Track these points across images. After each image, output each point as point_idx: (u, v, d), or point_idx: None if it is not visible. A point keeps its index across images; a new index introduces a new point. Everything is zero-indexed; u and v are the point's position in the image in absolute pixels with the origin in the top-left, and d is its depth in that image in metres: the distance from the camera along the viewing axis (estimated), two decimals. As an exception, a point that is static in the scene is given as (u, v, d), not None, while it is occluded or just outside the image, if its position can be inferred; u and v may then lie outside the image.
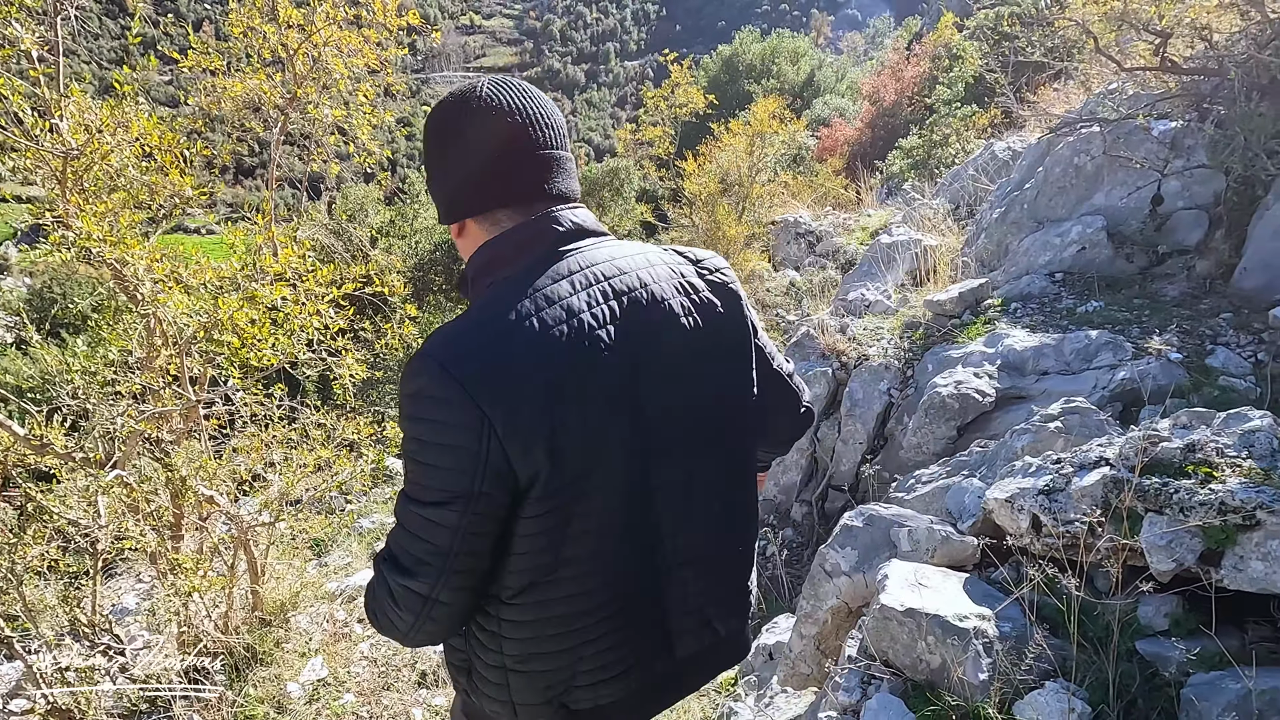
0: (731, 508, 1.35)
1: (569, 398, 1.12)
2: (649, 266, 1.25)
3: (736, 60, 32.77)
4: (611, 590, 1.23)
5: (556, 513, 1.15)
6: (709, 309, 1.27)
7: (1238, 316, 3.86)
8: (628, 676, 1.29)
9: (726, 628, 1.38)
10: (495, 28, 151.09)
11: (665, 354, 1.21)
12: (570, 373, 1.12)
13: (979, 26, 14.74)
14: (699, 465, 1.27)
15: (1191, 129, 4.48)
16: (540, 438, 1.10)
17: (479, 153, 1.23)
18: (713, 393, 1.28)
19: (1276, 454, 2.30)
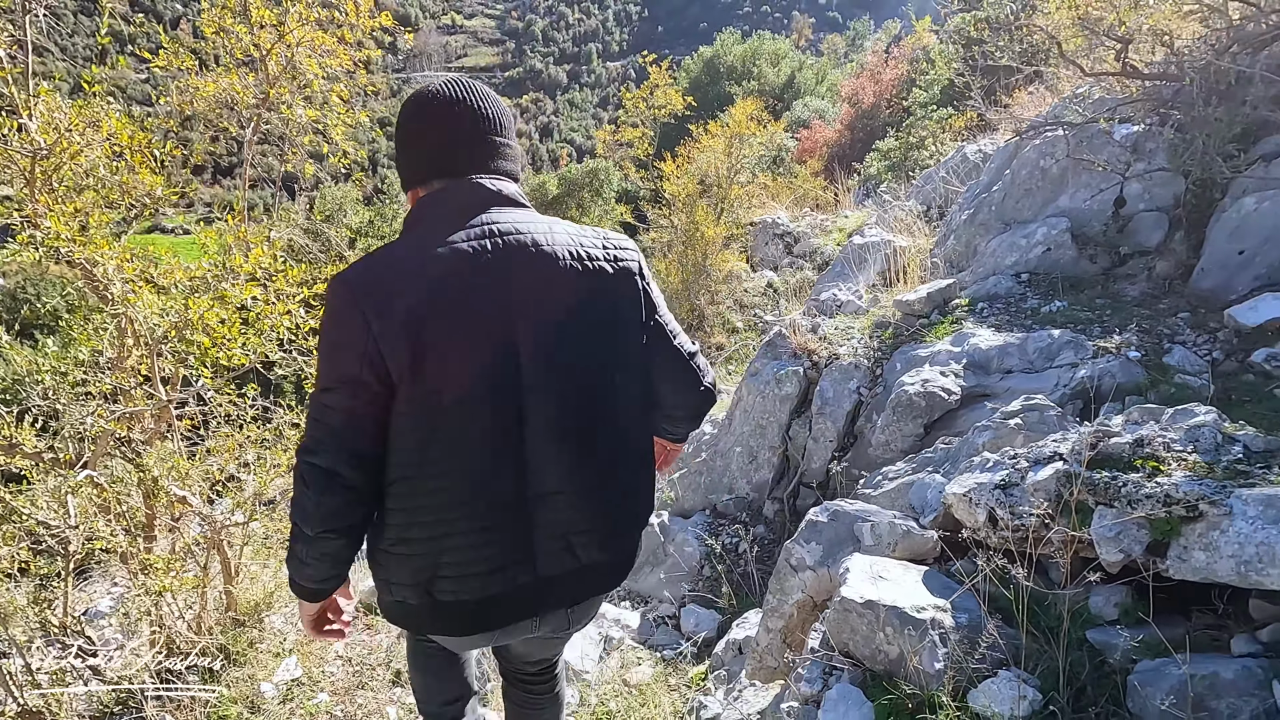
0: (606, 455, 1.53)
1: (435, 314, 1.36)
2: (549, 232, 1.47)
3: (717, 61, 32.89)
4: (476, 500, 1.44)
5: (421, 415, 1.38)
6: (598, 275, 1.47)
7: (1195, 316, 3.96)
8: (488, 579, 1.48)
9: (589, 556, 1.55)
10: (477, 28, 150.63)
11: (546, 303, 1.43)
12: (440, 294, 1.37)
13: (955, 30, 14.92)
14: (572, 409, 1.46)
15: (1152, 133, 4.59)
16: (405, 341, 1.34)
17: (425, 135, 1.50)
18: (591, 349, 1.47)
19: (1220, 448, 2.38)
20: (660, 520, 4.91)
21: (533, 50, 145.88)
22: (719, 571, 4.23)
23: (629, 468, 1.60)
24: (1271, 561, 1.98)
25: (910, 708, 2.27)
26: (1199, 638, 2.22)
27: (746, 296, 10.65)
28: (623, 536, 1.63)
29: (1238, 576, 2.05)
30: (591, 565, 1.58)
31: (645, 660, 3.80)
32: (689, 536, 4.66)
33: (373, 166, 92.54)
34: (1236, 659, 2.07)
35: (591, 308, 1.46)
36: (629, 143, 12.93)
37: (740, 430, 4.90)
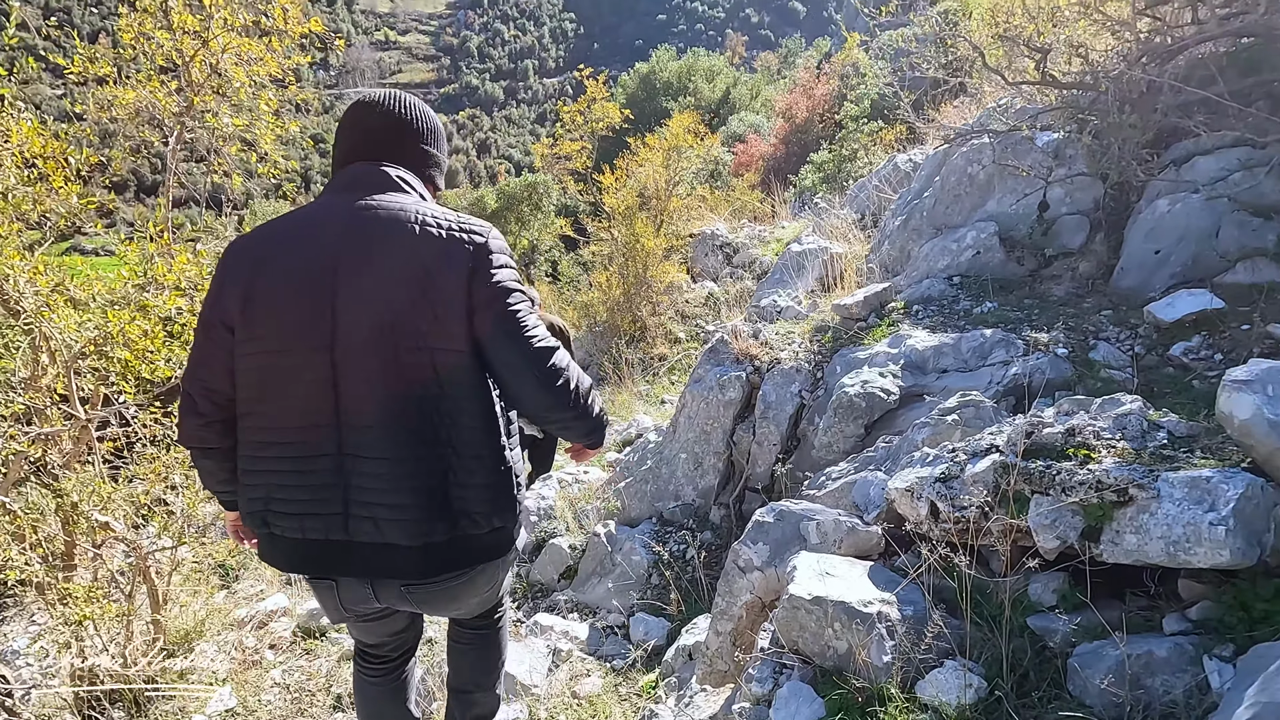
0: (428, 435, 1.58)
1: (267, 273, 1.58)
2: (400, 209, 1.60)
3: (654, 78, 33.19)
4: (297, 445, 1.59)
5: (251, 358, 1.59)
6: (427, 240, 1.57)
7: (1117, 313, 4.12)
8: (306, 521, 1.63)
9: (389, 536, 1.61)
10: (411, 44, 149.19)
11: (370, 270, 1.55)
12: (276, 254, 1.59)
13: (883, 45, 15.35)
14: (382, 380, 1.55)
15: (1072, 139, 4.78)
16: (239, 289, 1.58)
17: (341, 128, 1.77)
18: (412, 319, 1.54)
19: (1146, 434, 2.46)
20: (607, 530, 4.87)
21: (468, 67, 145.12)
22: (667, 579, 4.21)
23: (459, 456, 1.61)
24: (1197, 541, 2.05)
25: (860, 701, 2.28)
26: (1133, 619, 2.28)
27: (688, 307, 10.72)
28: (433, 527, 1.61)
29: (1167, 557, 2.12)
30: (394, 546, 1.62)
31: (595, 671, 3.75)
32: (636, 545, 4.63)
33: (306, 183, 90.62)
34: (1169, 637, 2.14)
35: (412, 282, 1.54)
36: (567, 156, 12.92)
37: (685, 437, 4.90)
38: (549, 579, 5.02)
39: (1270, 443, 2.09)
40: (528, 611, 4.72)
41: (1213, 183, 4.15)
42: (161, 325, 2.96)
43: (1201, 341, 3.62)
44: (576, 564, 4.96)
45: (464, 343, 1.57)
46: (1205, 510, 2.06)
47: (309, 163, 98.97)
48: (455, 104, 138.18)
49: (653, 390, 8.76)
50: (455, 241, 1.57)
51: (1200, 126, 4.37)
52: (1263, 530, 2.06)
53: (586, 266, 13.96)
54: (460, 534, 1.65)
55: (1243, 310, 3.66)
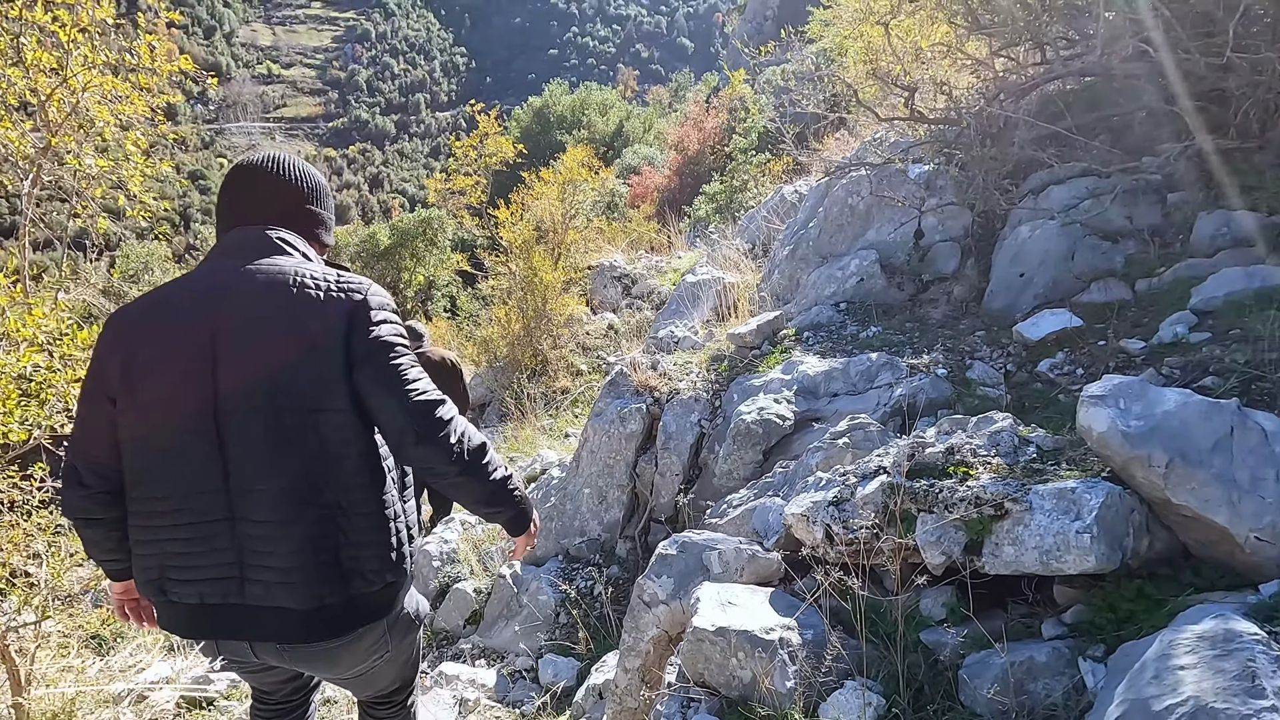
0: (298, 497, 1.57)
1: (149, 343, 1.59)
2: (279, 272, 1.62)
3: (547, 111, 33.40)
4: (188, 513, 1.59)
5: (138, 428, 1.59)
6: (306, 303, 1.58)
7: (989, 333, 4.38)
8: (200, 586, 1.62)
9: (279, 599, 1.60)
10: (296, 77, 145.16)
11: (251, 334, 1.57)
12: (157, 324, 1.61)
13: (767, 81, 15.97)
14: (265, 444, 1.56)
15: (941, 171, 5.08)
16: (119, 361, 1.59)
17: (222, 192, 1.77)
18: (296, 381, 1.56)
19: (1018, 450, 2.61)
20: (512, 570, 4.78)
21: (357, 100, 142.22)
22: (575, 617, 4.16)
23: (348, 515, 1.61)
24: (1067, 549, 2.18)
25: (766, 729, 2.31)
26: (1016, 626, 2.40)
27: (589, 339, 10.73)
28: (324, 589, 1.60)
29: (1041, 566, 2.25)
30: (283, 609, 1.61)
31: (504, 718, 3.65)
32: (543, 585, 4.57)
33: (185, 222, 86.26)
34: (1047, 642, 2.26)
35: (293, 336, 1.57)
36: (461, 191, 12.81)
37: (588, 471, 4.88)
38: (454, 625, 4.88)
39: (1124, 452, 2.25)
40: (433, 661, 4.56)
41: (1066, 210, 4.48)
42: (15, 384, 2.74)
43: (1064, 358, 3.88)
44: (482, 608, 4.84)
45: (345, 401, 1.57)
46: (1072, 520, 2.20)
47: (187, 200, 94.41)
48: (345, 138, 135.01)
49: (556, 424, 8.69)
50: (333, 300, 1.59)
51: (1052, 158, 4.73)
52: (1123, 534, 2.22)
53: (486, 301, 13.82)
54: (354, 594, 1.63)
55: (1098, 327, 3.95)
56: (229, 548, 1.59)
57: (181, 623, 1.69)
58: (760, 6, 38.39)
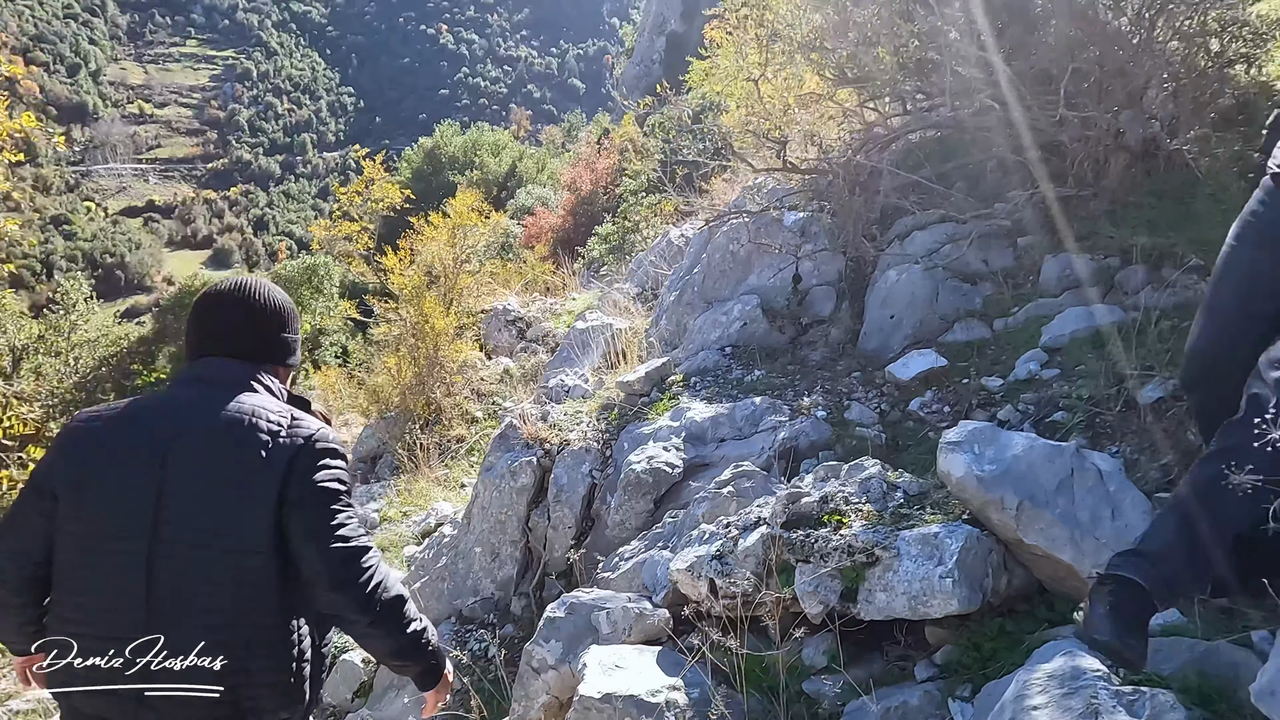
0: (208, 631, 1.60)
1: (102, 458, 1.66)
2: (238, 410, 1.67)
3: (439, 152, 33.13)
4: (101, 625, 1.62)
5: (75, 535, 1.65)
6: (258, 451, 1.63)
7: (865, 374, 4.56)
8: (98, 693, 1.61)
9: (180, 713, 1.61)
10: (171, 117, 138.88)
11: (196, 470, 1.63)
12: (113, 442, 1.67)
13: (654, 125, 16.35)
14: (190, 577, 1.61)
15: (814, 218, 5.30)
16: (72, 468, 1.67)
17: (192, 320, 1.83)
18: (222, 520, 1.62)
19: (886, 495, 2.72)
20: (403, 637, 4.59)
21: (239, 140, 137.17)
22: (466, 683, 4.03)
23: (253, 654, 1.64)
24: (932, 593, 2.27)
25: (654, 797, 2.28)
26: (891, 670, 2.48)
27: (484, 385, 10.57)
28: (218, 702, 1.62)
29: (910, 610, 2.34)
30: None
31: (393, 800, 3.48)
32: (435, 650, 4.40)
33: (47, 270, 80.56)
34: (919, 684, 2.34)
35: (235, 474, 1.64)
36: (347, 237, 12.50)
37: (480, 528, 4.78)
38: (341, 699, 4.64)
39: (980, 496, 2.38)
40: (319, 741, 4.32)
41: (928, 254, 4.75)
42: None
43: (933, 396, 4.08)
44: (371, 679, 4.63)
45: (273, 544, 1.63)
46: (935, 564, 2.30)
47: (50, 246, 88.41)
48: (226, 180, 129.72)
49: (452, 474, 8.49)
50: (279, 446, 1.65)
51: (914, 205, 5.01)
52: (983, 575, 2.33)
53: (379, 346, 13.45)
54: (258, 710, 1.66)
55: (962, 365, 4.18)
56: (139, 658, 1.59)
57: (74, 714, 1.69)
58: (648, 50, 39.43)
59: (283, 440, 1.65)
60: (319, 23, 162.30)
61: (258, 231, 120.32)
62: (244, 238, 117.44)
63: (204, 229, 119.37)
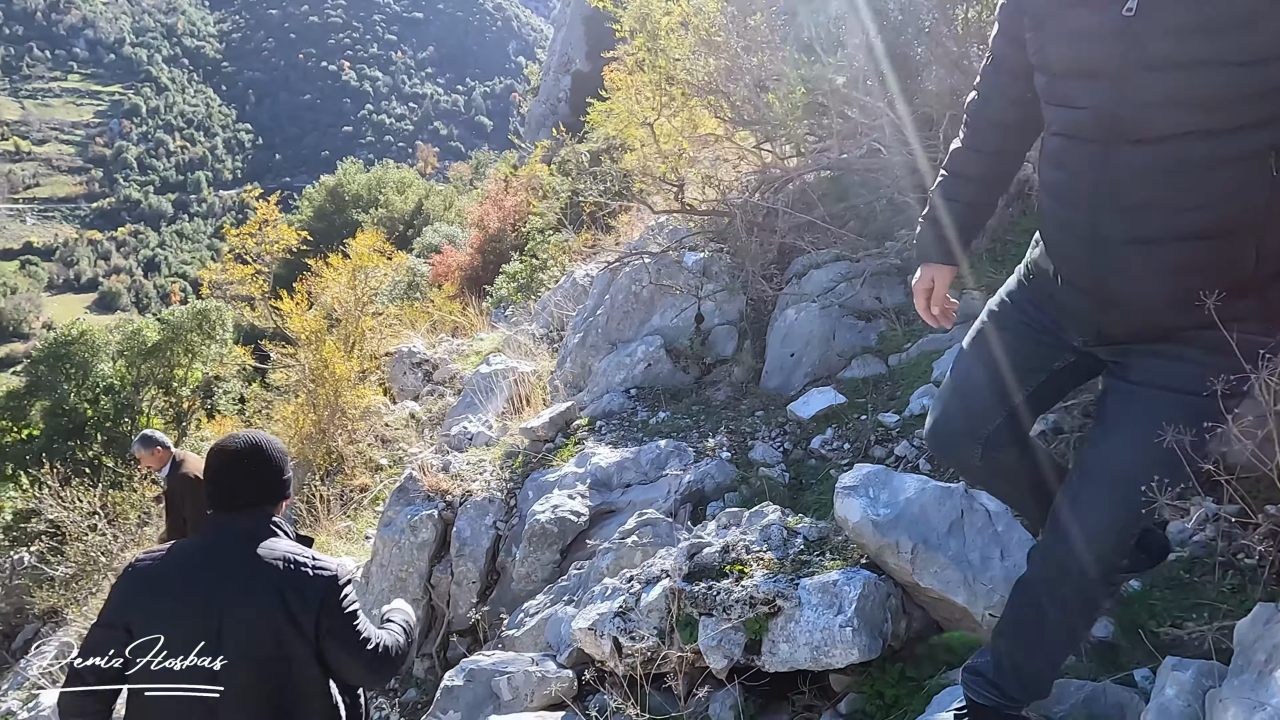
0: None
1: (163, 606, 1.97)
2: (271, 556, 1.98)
3: (342, 190, 32.36)
4: None
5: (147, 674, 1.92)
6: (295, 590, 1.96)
7: (767, 413, 4.59)
8: None
9: None
10: (51, 154, 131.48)
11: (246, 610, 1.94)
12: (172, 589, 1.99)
13: (562, 162, 16.40)
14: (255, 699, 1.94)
15: (715, 258, 5.35)
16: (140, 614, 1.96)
17: (210, 473, 2.13)
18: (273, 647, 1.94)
19: (787, 542, 2.70)
20: (296, 710, 4.30)
21: (126, 179, 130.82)
22: (365, 758, 3.79)
23: None
24: (833, 643, 2.25)
25: None
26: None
27: (389, 430, 10.22)
28: None
29: (813, 661, 2.31)
30: None
31: None
32: (332, 722, 4.14)
33: (-93, 320, 74.26)
34: (825, 737, 2.30)
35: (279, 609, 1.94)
36: (240, 280, 11.97)
37: (379, 587, 4.55)
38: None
39: (876, 540, 2.38)
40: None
41: (825, 293, 4.85)
42: None
43: (833, 434, 4.13)
44: None
45: (315, 659, 1.98)
46: (835, 613, 2.28)
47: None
48: (113, 219, 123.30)
49: (355, 526, 8.12)
50: (309, 581, 1.98)
51: (810, 245, 5.13)
52: (881, 621, 2.32)
53: (279, 392, 12.87)
54: None
55: (860, 402, 4.25)
56: None
57: None
58: (554, 89, 39.73)
59: (313, 577, 2.00)
60: (213, 58, 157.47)
61: (148, 273, 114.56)
62: (133, 280, 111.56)
63: (88, 271, 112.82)
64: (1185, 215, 1.35)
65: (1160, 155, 1.33)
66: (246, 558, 2.02)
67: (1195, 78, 1.28)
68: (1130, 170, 1.37)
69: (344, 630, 2.01)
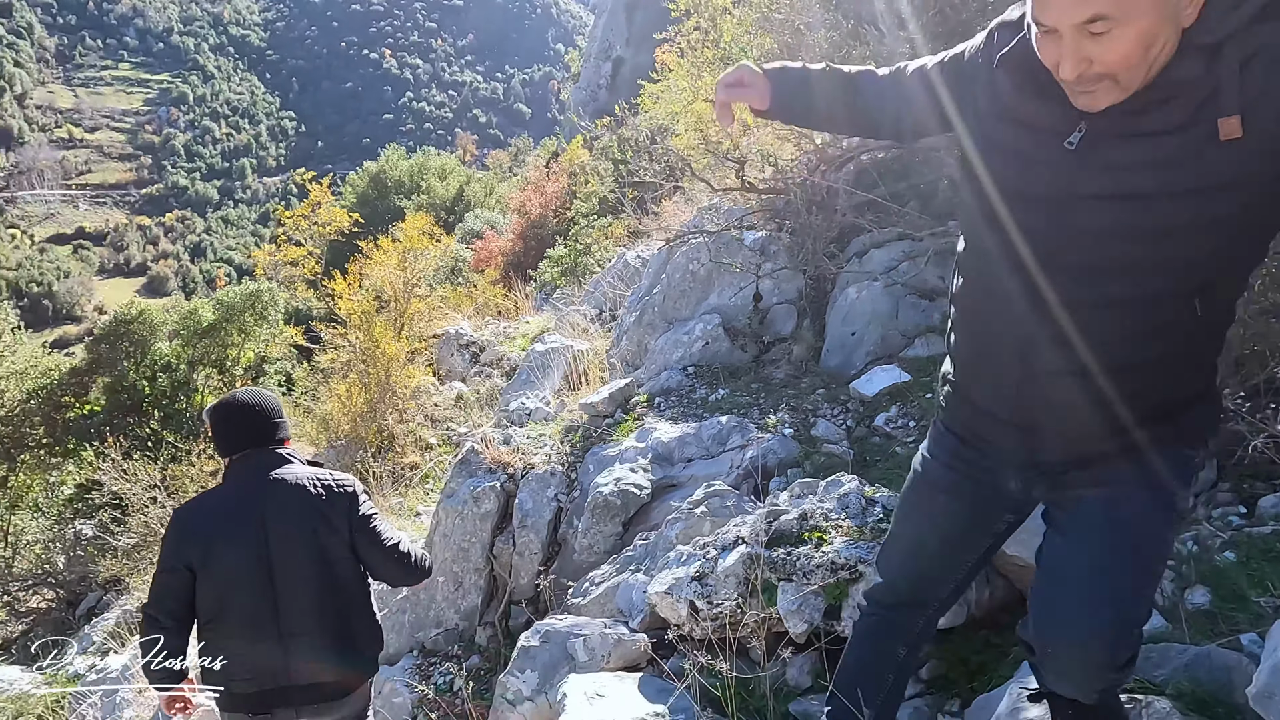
0: (321, 613, 2.42)
1: (217, 529, 2.41)
2: (295, 479, 2.44)
3: (384, 176, 32.71)
4: (252, 635, 2.38)
5: (214, 590, 2.39)
6: (317, 498, 2.43)
7: (829, 391, 4.58)
8: (260, 679, 2.38)
9: (316, 677, 2.43)
10: (102, 142, 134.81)
11: (287, 522, 2.40)
12: (220, 517, 2.44)
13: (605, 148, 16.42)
14: (304, 588, 2.40)
15: (773, 237, 5.34)
16: (199, 546, 2.38)
17: (225, 425, 2.53)
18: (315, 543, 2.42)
19: (865, 511, 2.71)
20: (363, 674, 4.42)
21: (174, 165, 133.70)
22: (433, 719, 3.88)
23: (353, 618, 2.51)
24: (918, 608, 2.25)
25: (643, 830, 2.20)
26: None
27: (437, 410, 10.37)
28: (341, 666, 2.46)
29: (896, 626, 2.31)
30: (319, 683, 2.44)
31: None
32: (397, 685, 4.25)
33: (-33, 301, 76.97)
34: (908, 701, 2.31)
35: (312, 517, 2.41)
36: (293, 262, 12.18)
37: (442, 557, 4.64)
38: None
39: (961, 508, 2.37)
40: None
41: (887, 271, 4.82)
42: None
43: (898, 411, 4.11)
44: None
45: (349, 552, 2.46)
46: (920, 579, 2.28)
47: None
48: (161, 205, 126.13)
49: (406, 503, 8.27)
50: (333, 493, 2.45)
51: (871, 223, 5.09)
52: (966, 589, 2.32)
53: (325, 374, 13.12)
54: (360, 664, 2.54)
55: (924, 380, 4.22)
56: (280, 652, 2.37)
57: (243, 703, 2.40)
58: (594, 75, 39.75)
59: (336, 491, 2.45)
60: (258, 46, 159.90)
61: (194, 258, 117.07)
62: (180, 265, 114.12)
63: (137, 256, 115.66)
64: (1115, 348, 1.30)
65: (1093, 288, 1.28)
66: (274, 482, 2.42)
67: (1133, 213, 1.23)
68: (1063, 301, 1.31)
69: (370, 528, 2.46)
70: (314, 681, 2.41)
